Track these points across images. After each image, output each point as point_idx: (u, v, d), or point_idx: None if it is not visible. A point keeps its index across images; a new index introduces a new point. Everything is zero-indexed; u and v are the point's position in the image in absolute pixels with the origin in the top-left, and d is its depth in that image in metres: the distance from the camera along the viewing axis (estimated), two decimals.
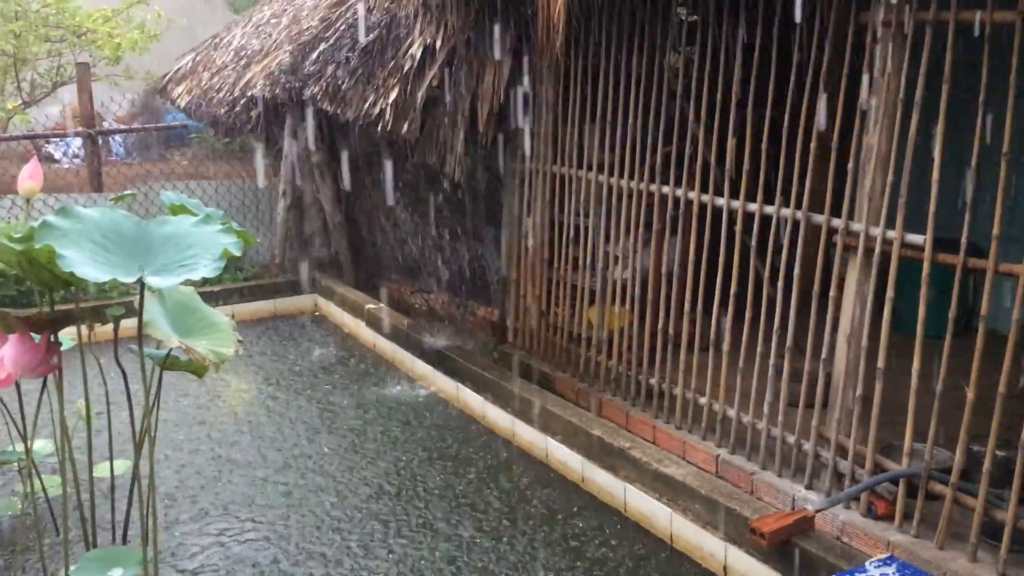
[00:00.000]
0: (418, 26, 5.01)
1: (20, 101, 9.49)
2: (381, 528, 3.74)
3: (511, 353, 5.14)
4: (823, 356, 3.39)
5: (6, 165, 9.13)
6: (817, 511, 3.20)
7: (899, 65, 3.11)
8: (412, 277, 6.86)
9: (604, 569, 3.45)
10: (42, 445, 3.89)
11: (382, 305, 6.34)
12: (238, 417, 4.93)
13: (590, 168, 4.53)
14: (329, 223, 7.16)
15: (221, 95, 7.17)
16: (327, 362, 5.91)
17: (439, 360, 5.33)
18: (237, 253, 2.69)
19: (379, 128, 5.34)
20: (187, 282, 2.62)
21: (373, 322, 6.17)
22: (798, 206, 3.47)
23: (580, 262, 4.66)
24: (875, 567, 2.83)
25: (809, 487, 3.41)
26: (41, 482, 3.46)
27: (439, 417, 4.96)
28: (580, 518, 3.83)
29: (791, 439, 3.50)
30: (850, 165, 3.28)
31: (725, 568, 3.37)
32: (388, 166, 6.48)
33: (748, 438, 3.70)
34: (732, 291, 3.76)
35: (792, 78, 3.49)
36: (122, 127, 10.04)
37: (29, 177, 3.04)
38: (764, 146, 3.59)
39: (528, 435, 4.50)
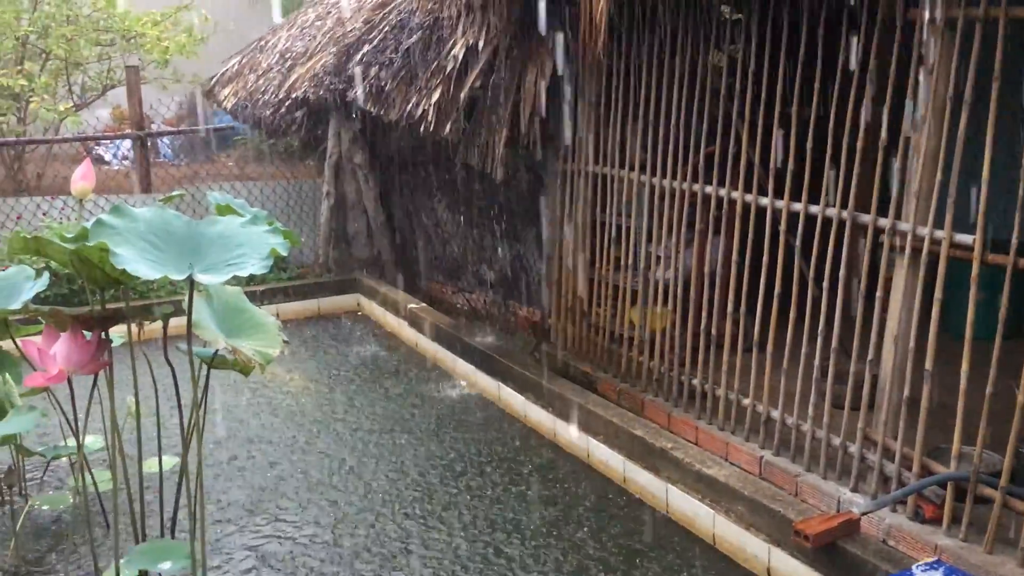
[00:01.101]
0: (460, 27, 5.03)
1: (71, 103, 9.69)
2: (419, 524, 3.77)
3: (553, 353, 5.15)
4: (869, 357, 3.35)
5: (58, 167, 9.34)
6: (863, 514, 3.16)
7: (948, 62, 3.07)
8: (454, 277, 6.89)
9: (648, 570, 3.44)
10: (92, 440, 3.97)
11: (424, 305, 6.38)
12: (289, 414, 5.00)
13: (632, 168, 4.52)
14: (372, 223, 7.22)
15: (266, 97, 7.27)
16: (369, 361, 5.95)
17: (481, 360, 5.35)
18: (284, 253, 2.73)
19: (422, 129, 5.37)
20: (233, 280, 2.66)
21: (415, 322, 6.21)
22: (844, 206, 3.43)
23: (622, 262, 4.65)
24: (922, 571, 2.79)
25: (855, 490, 3.37)
26: (92, 477, 3.53)
27: (481, 416, 4.97)
28: (623, 518, 3.83)
29: (836, 441, 3.46)
30: (897, 164, 3.23)
31: (768, 570, 3.34)
32: (430, 167, 6.53)
33: (792, 440, 3.66)
34: (776, 291, 3.73)
35: (838, 76, 3.45)
36: (170, 129, 10.22)
37: (82, 178, 3.11)
38: (809, 145, 3.56)
39: (569, 435, 4.50)
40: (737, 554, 3.49)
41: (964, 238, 3.00)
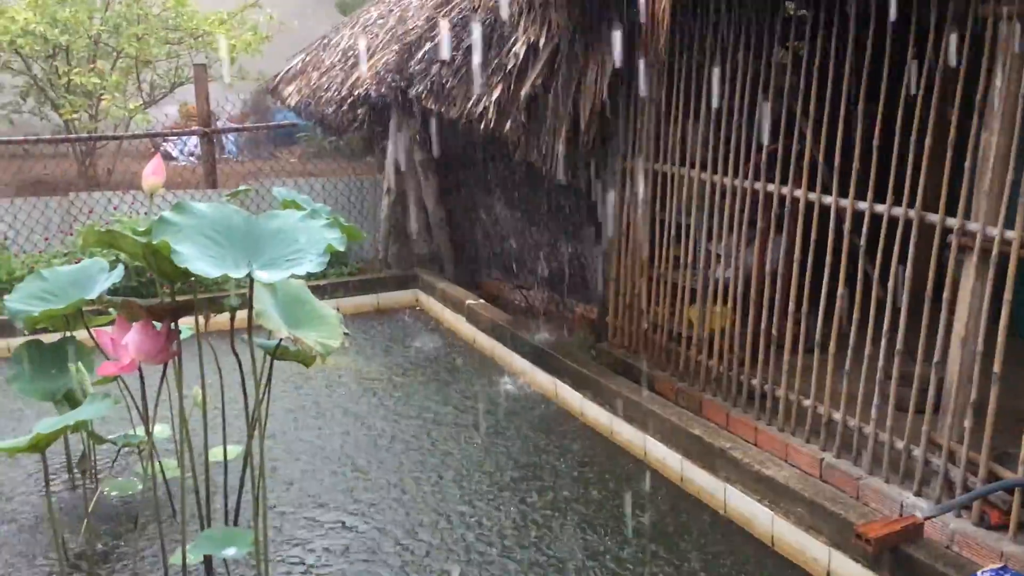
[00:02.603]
0: (522, 25, 5.04)
1: (141, 101, 9.93)
2: (471, 527, 3.80)
3: (610, 351, 5.14)
4: (935, 360, 3.28)
5: (128, 162, 9.59)
6: (927, 518, 3.11)
7: (1020, 59, 2.99)
8: (512, 274, 6.92)
9: (706, 569, 3.42)
10: (160, 429, 4.07)
11: (482, 301, 6.41)
12: (350, 406, 5.07)
13: (693, 166, 4.49)
14: (431, 220, 7.27)
15: (329, 94, 7.37)
16: (427, 356, 6.00)
17: (538, 356, 5.36)
18: (340, 248, 2.77)
19: (482, 126, 5.40)
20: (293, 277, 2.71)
21: (473, 318, 6.25)
22: (911, 205, 3.37)
23: (681, 260, 4.62)
24: None
25: (918, 494, 3.31)
26: (160, 464, 3.63)
27: (537, 413, 4.99)
28: (680, 517, 3.82)
29: (900, 444, 3.40)
30: (967, 163, 3.17)
31: (828, 573, 3.31)
32: (490, 164, 6.56)
33: (854, 442, 3.61)
34: (839, 292, 3.68)
35: (906, 73, 3.39)
36: (236, 126, 10.42)
37: (153, 173, 3.18)
38: (876, 143, 3.50)
39: (626, 433, 4.49)
40: (796, 556, 3.45)
41: None
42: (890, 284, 3.45)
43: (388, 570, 3.44)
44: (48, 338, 3.83)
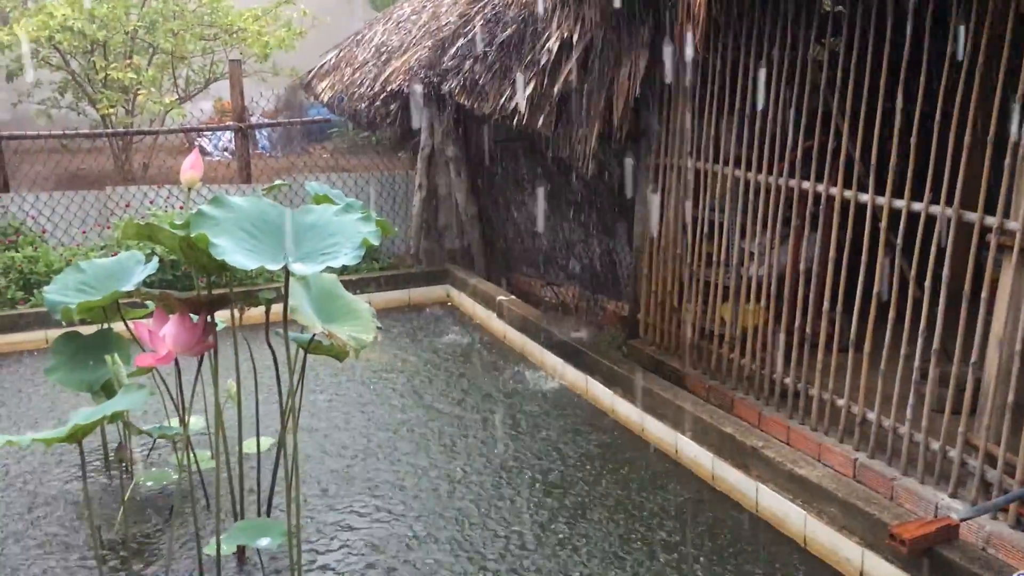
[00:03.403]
0: (555, 20, 5.04)
1: (176, 96, 10.04)
2: (502, 524, 3.81)
3: (641, 348, 5.13)
4: (972, 360, 3.24)
5: (163, 157, 9.69)
6: (962, 520, 3.07)
7: None
8: (542, 270, 6.92)
9: (738, 569, 3.41)
10: (194, 421, 4.12)
11: (513, 297, 6.42)
12: (384, 401, 5.10)
13: (727, 162, 4.46)
14: (462, 215, 7.29)
15: (362, 90, 7.40)
16: (458, 352, 6.02)
17: (568, 353, 5.36)
18: (375, 242, 2.79)
19: (514, 122, 5.40)
20: (327, 269, 2.73)
21: (504, 314, 6.25)
22: (949, 203, 3.33)
23: (714, 258, 4.60)
24: None
25: (953, 495, 3.27)
26: (194, 455, 3.67)
27: (569, 410, 4.98)
28: (709, 516, 3.80)
29: (935, 445, 3.36)
30: (1007, 161, 3.12)
31: (861, 574, 3.28)
32: (521, 160, 6.56)
33: (889, 443, 3.58)
34: (875, 290, 3.64)
35: (945, 70, 3.34)
36: (270, 121, 10.50)
37: (191, 168, 3.22)
38: (913, 140, 3.46)
39: (657, 430, 4.48)
40: (829, 556, 3.42)
41: None
42: (927, 283, 3.41)
43: (420, 561, 3.45)
44: (86, 330, 3.89)
